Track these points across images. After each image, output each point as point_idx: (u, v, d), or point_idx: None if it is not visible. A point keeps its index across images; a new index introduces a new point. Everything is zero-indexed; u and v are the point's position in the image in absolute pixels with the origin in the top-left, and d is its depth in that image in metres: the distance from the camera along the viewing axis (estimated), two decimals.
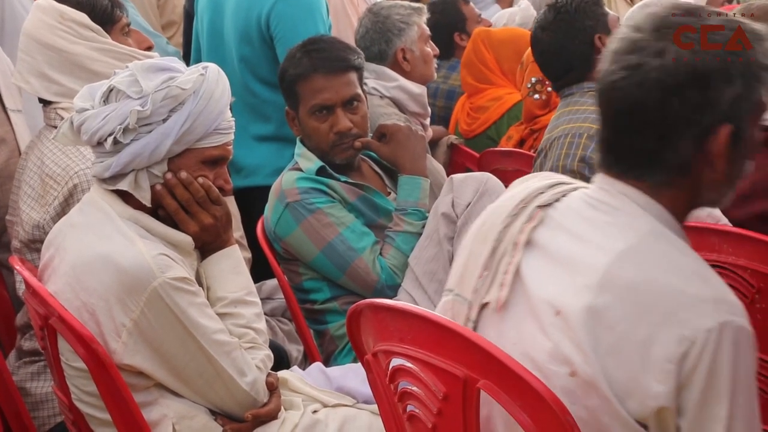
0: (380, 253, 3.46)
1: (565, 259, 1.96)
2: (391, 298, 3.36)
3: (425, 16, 4.42)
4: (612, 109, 1.95)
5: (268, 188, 3.67)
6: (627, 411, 1.85)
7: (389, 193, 3.65)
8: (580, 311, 1.88)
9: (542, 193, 2.06)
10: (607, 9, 3.88)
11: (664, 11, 1.94)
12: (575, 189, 2.06)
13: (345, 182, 3.52)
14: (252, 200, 4.22)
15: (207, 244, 2.82)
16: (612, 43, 1.96)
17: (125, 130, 2.64)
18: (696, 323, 1.81)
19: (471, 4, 5.80)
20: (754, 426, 1.87)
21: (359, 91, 3.57)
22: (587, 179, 2.11)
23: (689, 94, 1.87)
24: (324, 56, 3.53)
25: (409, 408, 2.07)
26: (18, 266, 2.92)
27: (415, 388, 2.04)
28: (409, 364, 2.04)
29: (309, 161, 3.53)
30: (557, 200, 2.04)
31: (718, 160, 1.91)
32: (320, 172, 3.51)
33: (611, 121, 1.96)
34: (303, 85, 3.53)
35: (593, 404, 1.87)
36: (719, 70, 1.88)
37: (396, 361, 2.08)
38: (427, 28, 4.39)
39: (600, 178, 2.00)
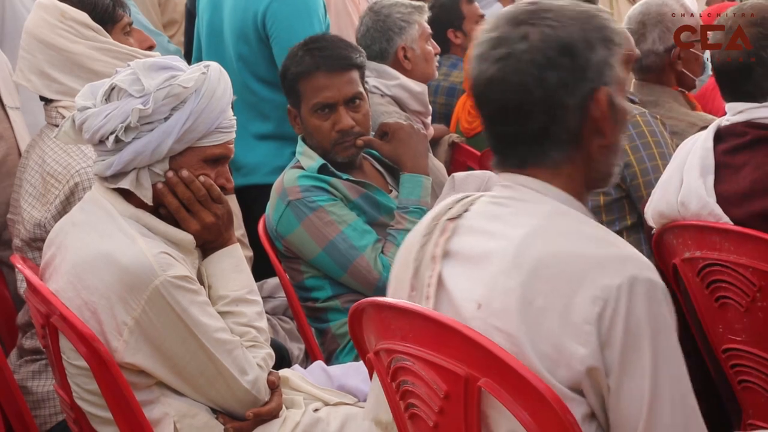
0: (382, 251, 3.46)
1: (479, 257, 2.02)
2: None
3: (426, 15, 4.42)
4: (496, 105, 2.02)
5: (267, 187, 3.67)
6: (559, 381, 1.89)
7: (391, 191, 3.65)
8: (498, 297, 1.94)
9: (450, 208, 2.13)
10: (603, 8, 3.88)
11: (510, 8, 2.04)
12: (481, 196, 2.13)
13: (347, 180, 3.52)
14: (251, 199, 4.22)
15: (208, 243, 2.82)
16: (473, 51, 2.03)
17: (127, 129, 2.64)
18: (605, 282, 1.88)
19: (475, 3, 5.80)
20: (678, 374, 1.91)
21: (361, 89, 3.57)
22: None
23: (561, 64, 1.96)
24: (326, 54, 3.53)
25: (411, 406, 2.07)
26: (19, 264, 2.92)
27: (416, 387, 2.04)
28: (410, 363, 2.04)
29: (310, 159, 3.53)
30: (466, 210, 2.11)
31: (604, 123, 1.99)
32: (322, 170, 3.51)
33: (498, 117, 2.03)
34: (305, 83, 3.53)
35: None
36: (580, 39, 1.98)
37: (397, 360, 2.08)
38: (428, 27, 4.39)
39: (500, 177, 2.07)
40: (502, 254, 1.96)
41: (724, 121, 2.97)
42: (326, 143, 3.53)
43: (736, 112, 2.94)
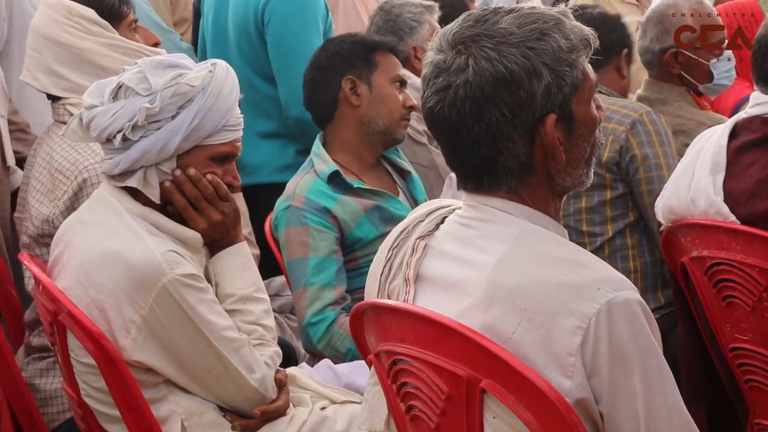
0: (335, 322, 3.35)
1: (451, 285, 1.98)
2: (312, 354, 3.38)
3: (437, 14, 4.42)
4: (439, 133, 1.97)
5: (271, 185, 3.66)
6: None
7: (398, 194, 3.61)
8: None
9: (421, 221, 2.09)
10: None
11: (455, 26, 1.96)
12: (452, 211, 2.08)
13: (359, 188, 3.47)
14: (256, 198, 4.20)
15: (216, 241, 2.82)
16: (424, 69, 1.99)
17: (134, 127, 2.64)
18: (584, 310, 1.84)
19: (476, 3, 5.79)
20: (669, 387, 1.89)
21: None
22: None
23: (500, 98, 1.89)
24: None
25: (413, 408, 2.05)
26: (27, 262, 2.93)
27: (418, 389, 2.03)
28: (411, 364, 2.03)
29: (324, 164, 3.48)
30: (436, 228, 2.07)
31: (555, 150, 1.94)
32: (333, 176, 3.45)
33: (444, 143, 1.99)
34: (385, 55, 3.56)
35: None
36: (523, 68, 1.89)
37: (398, 362, 2.07)
38: (439, 26, 4.38)
39: (466, 196, 2.03)
40: (475, 285, 1.92)
41: (743, 114, 2.96)
42: (396, 114, 3.54)
43: (755, 104, 2.92)
